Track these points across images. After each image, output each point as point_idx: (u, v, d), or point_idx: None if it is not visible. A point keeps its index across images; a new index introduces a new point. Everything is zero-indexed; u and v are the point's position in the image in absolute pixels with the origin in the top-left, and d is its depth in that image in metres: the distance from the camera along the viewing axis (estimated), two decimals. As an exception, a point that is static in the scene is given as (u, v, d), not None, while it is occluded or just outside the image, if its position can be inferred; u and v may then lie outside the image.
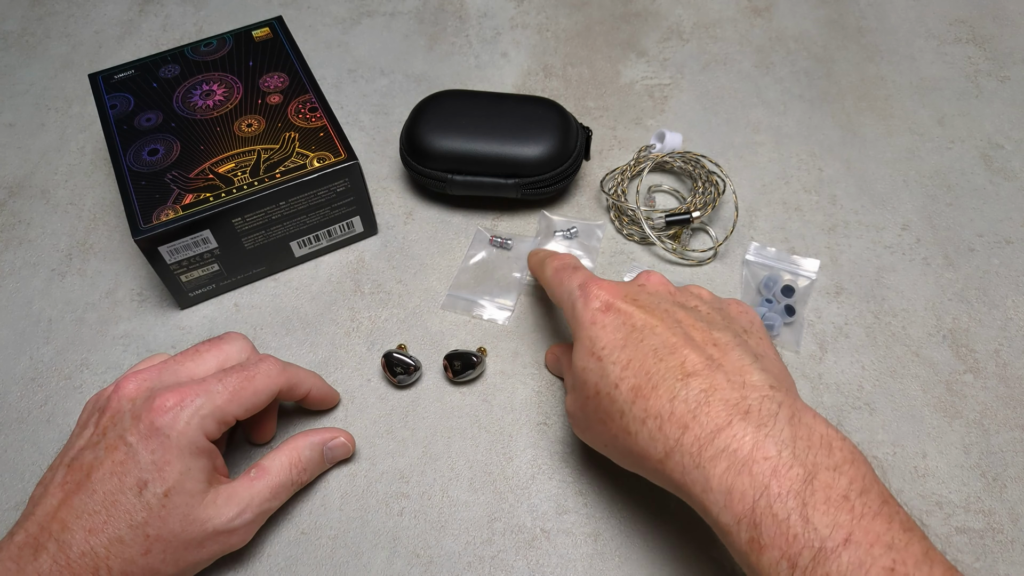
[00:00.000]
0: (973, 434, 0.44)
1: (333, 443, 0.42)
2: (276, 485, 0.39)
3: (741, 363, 0.33)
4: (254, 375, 0.39)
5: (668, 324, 0.35)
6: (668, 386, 0.32)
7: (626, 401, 0.34)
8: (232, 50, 0.54)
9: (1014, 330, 0.48)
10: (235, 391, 0.38)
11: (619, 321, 0.36)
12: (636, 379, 0.33)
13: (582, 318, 0.37)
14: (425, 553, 0.41)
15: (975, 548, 0.40)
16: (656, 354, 0.34)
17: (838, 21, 0.68)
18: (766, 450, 0.29)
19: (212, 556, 0.37)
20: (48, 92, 0.65)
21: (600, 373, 0.35)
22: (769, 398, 0.31)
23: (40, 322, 0.51)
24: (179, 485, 0.35)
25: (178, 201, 0.46)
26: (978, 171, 0.57)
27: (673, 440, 0.31)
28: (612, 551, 0.40)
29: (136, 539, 0.34)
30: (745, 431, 0.30)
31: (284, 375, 0.40)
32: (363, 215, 0.52)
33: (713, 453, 0.30)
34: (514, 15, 0.70)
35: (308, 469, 0.41)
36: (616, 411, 0.34)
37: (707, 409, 0.31)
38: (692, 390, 0.32)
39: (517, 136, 0.51)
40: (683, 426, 0.31)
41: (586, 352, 0.36)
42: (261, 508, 0.38)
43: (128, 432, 0.35)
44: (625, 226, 0.54)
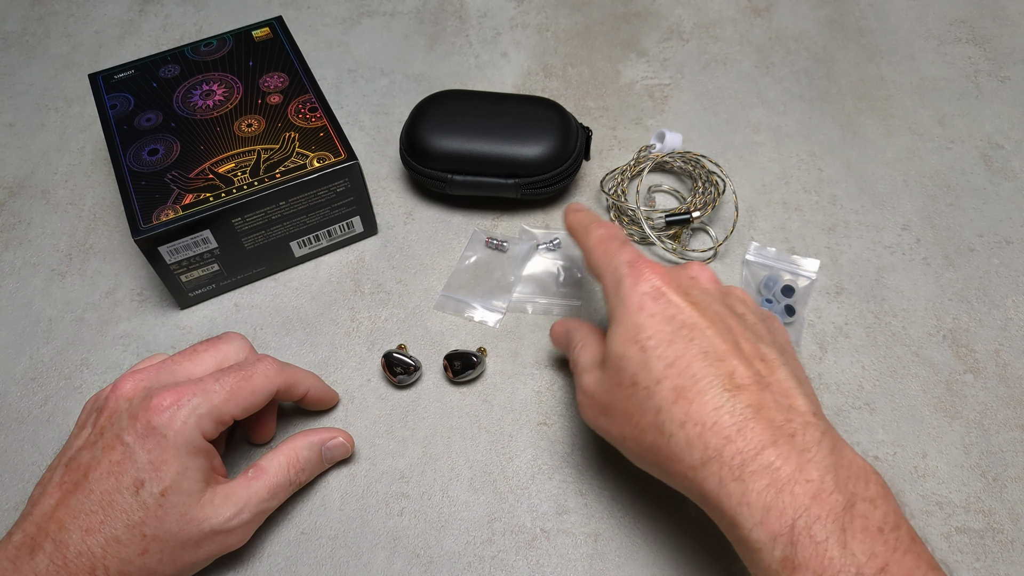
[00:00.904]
0: (973, 434, 0.44)
1: (332, 443, 0.42)
2: (274, 485, 0.39)
3: (787, 385, 0.33)
4: (251, 375, 0.39)
5: (719, 328, 0.34)
6: (715, 395, 0.32)
7: (666, 400, 0.32)
8: (232, 50, 0.54)
9: (1014, 330, 0.48)
10: (232, 391, 0.38)
11: (669, 313, 0.34)
12: (681, 380, 0.32)
13: (628, 300, 0.35)
14: (425, 553, 0.41)
15: (975, 548, 0.40)
16: (705, 358, 0.33)
17: (838, 21, 0.69)
18: (808, 473, 0.29)
19: (210, 556, 0.37)
20: (48, 92, 0.65)
21: (642, 364, 0.34)
22: (813, 425, 0.31)
23: (40, 322, 0.51)
24: (176, 484, 0.35)
25: (178, 201, 0.46)
26: (978, 171, 0.57)
27: (713, 450, 0.31)
28: (612, 551, 0.40)
29: (133, 539, 0.34)
30: (790, 453, 0.30)
31: (282, 375, 0.40)
32: (363, 215, 0.52)
33: (755, 468, 0.30)
34: (514, 15, 0.70)
35: (306, 469, 0.41)
36: (652, 407, 0.33)
37: (753, 425, 0.31)
38: (739, 403, 0.31)
39: (517, 136, 0.51)
40: (726, 438, 0.31)
41: (629, 338, 0.34)
42: (259, 508, 0.38)
43: (125, 431, 0.35)
44: (625, 226, 0.54)
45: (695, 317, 0.34)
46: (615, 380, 0.35)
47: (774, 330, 0.38)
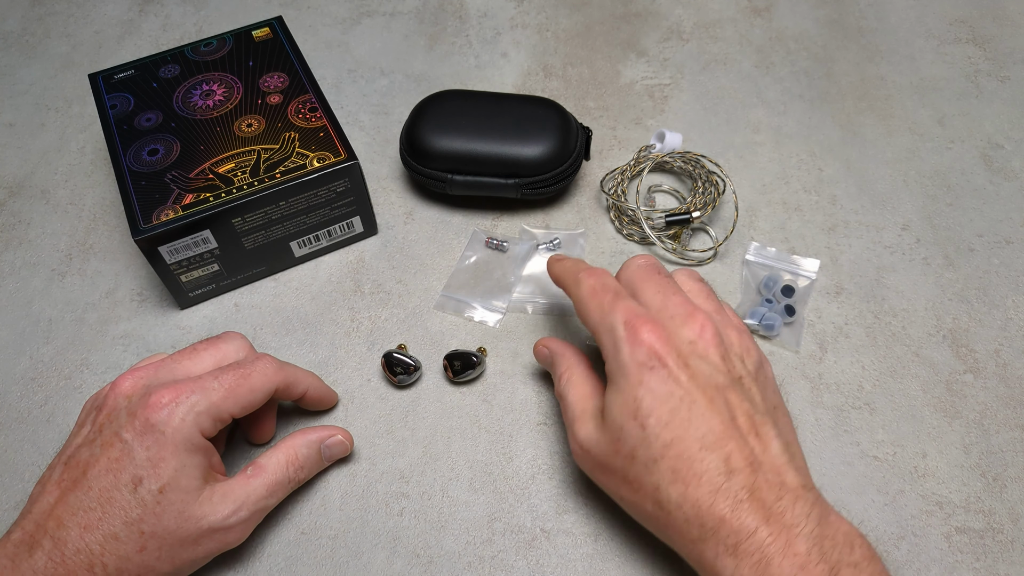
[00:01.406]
0: (973, 434, 0.44)
1: (331, 441, 0.42)
2: (273, 483, 0.39)
3: (779, 462, 0.34)
4: (250, 373, 0.39)
5: (717, 406, 0.34)
6: (711, 478, 0.33)
7: (664, 479, 0.34)
8: (232, 50, 0.54)
9: (1014, 330, 0.48)
10: (231, 388, 0.38)
11: (667, 389, 0.34)
12: (678, 462, 0.34)
13: (627, 368, 0.35)
14: (425, 553, 0.41)
15: (975, 548, 0.40)
16: (702, 442, 0.34)
17: (838, 21, 0.69)
18: (796, 547, 0.31)
19: (208, 554, 0.37)
20: (48, 92, 0.65)
21: (641, 440, 0.34)
22: (803, 499, 0.33)
23: (40, 322, 0.51)
24: (174, 482, 0.35)
25: (178, 201, 0.46)
26: (978, 171, 0.57)
27: (710, 530, 0.33)
28: (612, 551, 0.40)
29: (131, 536, 0.34)
30: (780, 530, 0.32)
31: (281, 373, 0.40)
32: (363, 215, 0.52)
33: (748, 546, 0.32)
34: (514, 15, 0.70)
35: (305, 467, 0.41)
36: (650, 482, 0.34)
37: (747, 507, 0.32)
38: (734, 485, 0.33)
39: (517, 136, 0.51)
40: (721, 519, 0.32)
41: (628, 412, 0.35)
42: (257, 506, 0.38)
43: (123, 429, 0.35)
44: (625, 226, 0.54)
45: (694, 394, 0.34)
46: (612, 447, 0.36)
47: (767, 380, 0.39)
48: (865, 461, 0.43)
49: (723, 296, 0.50)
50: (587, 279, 0.39)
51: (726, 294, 0.51)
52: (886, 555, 0.40)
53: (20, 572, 0.33)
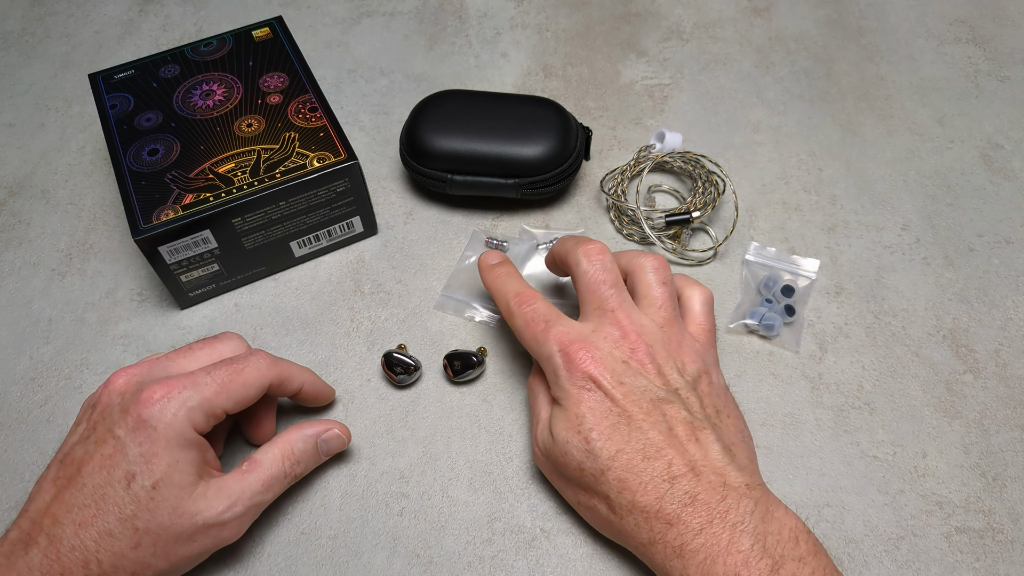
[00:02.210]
0: (973, 434, 0.44)
1: (327, 435, 0.41)
2: (268, 478, 0.38)
3: (719, 463, 0.36)
4: (243, 368, 0.39)
5: (655, 419, 0.37)
6: (656, 486, 0.35)
7: (612, 488, 0.36)
8: (232, 50, 0.54)
9: (1014, 330, 0.48)
10: (223, 383, 0.37)
11: (605, 407, 0.37)
12: (624, 472, 0.36)
13: (567, 391, 0.38)
14: (425, 553, 0.41)
15: (975, 548, 0.40)
16: (644, 453, 0.36)
17: (838, 21, 0.69)
18: (740, 544, 0.33)
19: (204, 550, 0.37)
20: (48, 92, 0.65)
21: (586, 453, 0.37)
22: (747, 497, 0.35)
23: (40, 322, 0.51)
24: (167, 477, 0.35)
25: (178, 201, 0.46)
26: (978, 171, 0.57)
27: (658, 534, 0.35)
28: (612, 551, 0.40)
29: (125, 532, 0.34)
30: (723, 529, 0.34)
31: (274, 369, 0.40)
32: (363, 215, 0.52)
33: (693, 547, 0.34)
34: (514, 15, 0.70)
35: (302, 462, 0.40)
36: (600, 491, 0.37)
37: (691, 511, 0.34)
38: (678, 491, 0.35)
39: (517, 136, 0.51)
40: (668, 523, 0.35)
41: (572, 428, 0.37)
42: (252, 501, 0.38)
43: (116, 425, 0.35)
44: (625, 226, 0.54)
45: (630, 409, 0.37)
46: (563, 462, 0.38)
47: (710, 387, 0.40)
48: (865, 461, 0.43)
49: (723, 296, 0.50)
50: (518, 309, 0.41)
51: (726, 294, 0.51)
52: (886, 555, 0.40)
53: (16, 570, 0.33)
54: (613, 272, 0.41)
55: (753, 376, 0.47)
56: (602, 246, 0.42)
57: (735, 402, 0.41)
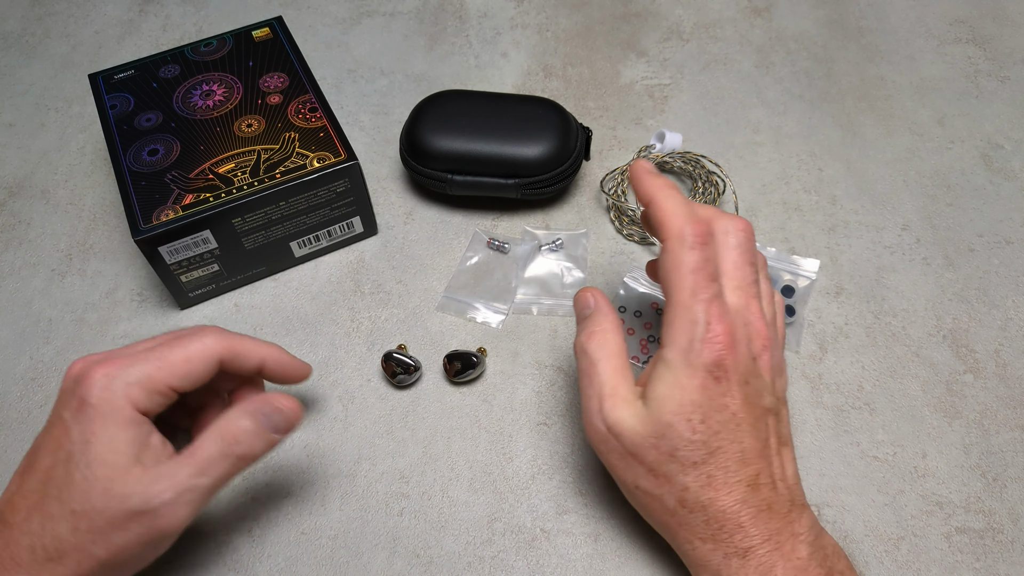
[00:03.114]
0: (973, 434, 0.44)
1: (267, 409, 0.36)
2: (203, 460, 0.35)
3: (793, 482, 0.37)
4: (188, 342, 0.37)
5: (758, 428, 0.36)
6: (740, 490, 0.35)
7: (697, 483, 0.35)
8: (232, 50, 0.54)
9: (1014, 330, 0.48)
10: (164, 358, 0.36)
11: (723, 402, 0.35)
12: (716, 471, 0.35)
13: (695, 368, 0.34)
14: (425, 553, 0.41)
15: (975, 548, 0.40)
16: (740, 457, 0.35)
17: (838, 21, 0.69)
18: (799, 552, 0.35)
19: (143, 541, 0.34)
20: (48, 92, 0.65)
21: (688, 442, 0.35)
22: (807, 515, 0.36)
23: (40, 322, 0.51)
24: (101, 457, 0.34)
25: (178, 201, 0.46)
26: (978, 171, 0.57)
27: (726, 533, 0.35)
28: (612, 551, 0.40)
29: (64, 515, 0.33)
30: (788, 537, 0.35)
31: (223, 342, 0.38)
32: (363, 215, 0.52)
33: (760, 552, 0.35)
34: (514, 15, 0.70)
35: (243, 441, 0.36)
36: (680, 482, 0.35)
37: (765, 518, 0.35)
38: (757, 499, 0.35)
39: (517, 136, 0.51)
40: (739, 526, 0.35)
41: (682, 412, 0.34)
42: (184, 486, 0.34)
43: (64, 408, 0.35)
44: (625, 226, 0.54)
45: (743, 413, 0.35)
46: (652, 441, 0.35)
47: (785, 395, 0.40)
48: (865, 461, 0.43)
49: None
50: (694, 245, 0.35)
51: (726, 294, 0.51)
52: (886, 555, 0.40)
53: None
54: (757, 256, 0.38)
55: (753, 376, 0.47)
56: (750, 225, 0.38)
57: None
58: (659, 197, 0.37)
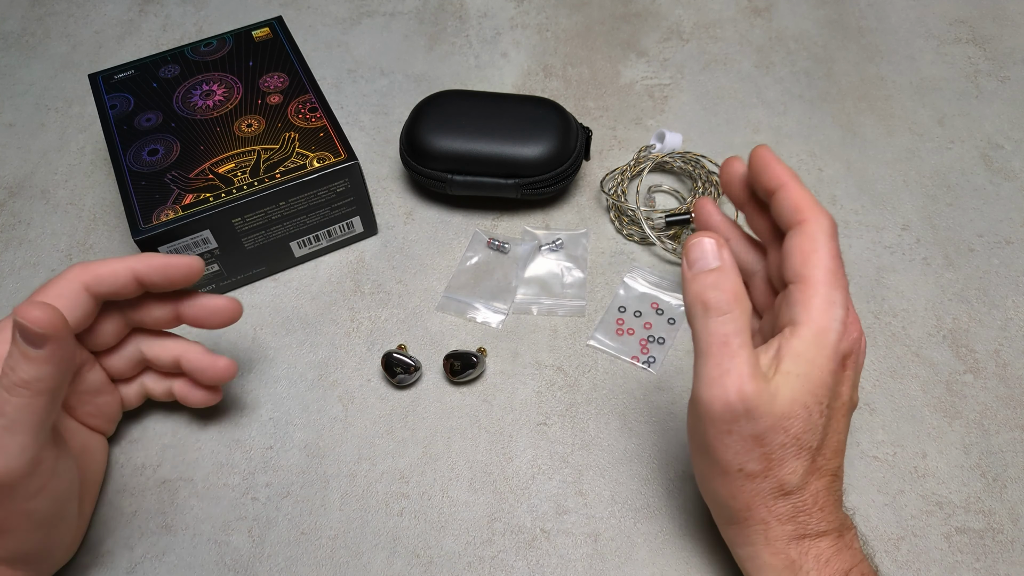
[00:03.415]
0: (973, 434, 0.44)
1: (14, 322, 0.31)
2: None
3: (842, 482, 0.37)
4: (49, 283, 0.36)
5: (845, 423, 0.36)
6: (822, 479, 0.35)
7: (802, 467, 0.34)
8: (232, 50, 0.54)
9: (1014, 330, 0.48)
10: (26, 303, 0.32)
11: (841, 390, 0.34)
12: (820, 458, 0.34)
13: (831, 354, 0.33)
14: (425, 553, 0.41)
15: (975, 548, 0.40)
16: (837, 448, 0.35)
17: (838, 21, 0.69)
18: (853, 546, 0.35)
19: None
20: (48, 92, 0.65)
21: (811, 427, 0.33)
22: (851, 520, 0.36)
23: (40, 322, 0.51)
24: None
25: (178, 201, 0.46)
26: (978, 171, 0.57)
27: (802, 513, 0.34)
28: (612, 551, 0.40)
29: None
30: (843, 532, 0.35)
31: (86, 270, 0.37)
32: (363, 215, 0.52)
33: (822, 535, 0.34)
34: (514, 15, 0.70)
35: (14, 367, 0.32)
36: (790, 467, 0.33)
37: (832, 508, 0.35)
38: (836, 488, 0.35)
39: (517, 136, 0.51)
40: (821, 508, 0.35)
41: (815, 396, 0.33)
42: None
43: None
44: (625, 226, 0.54)
45: (848, 405, 0.36)
46: (783, 423, 0.33)
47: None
48: (865, 461, 0.43)
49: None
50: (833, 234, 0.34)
51: (726, 294, 0.51)
52: (886, 555, 0.40)
53: None
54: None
55: (753, 376, 0.47)
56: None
57: None
58: (794, 183, 0.35)
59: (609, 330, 0.49)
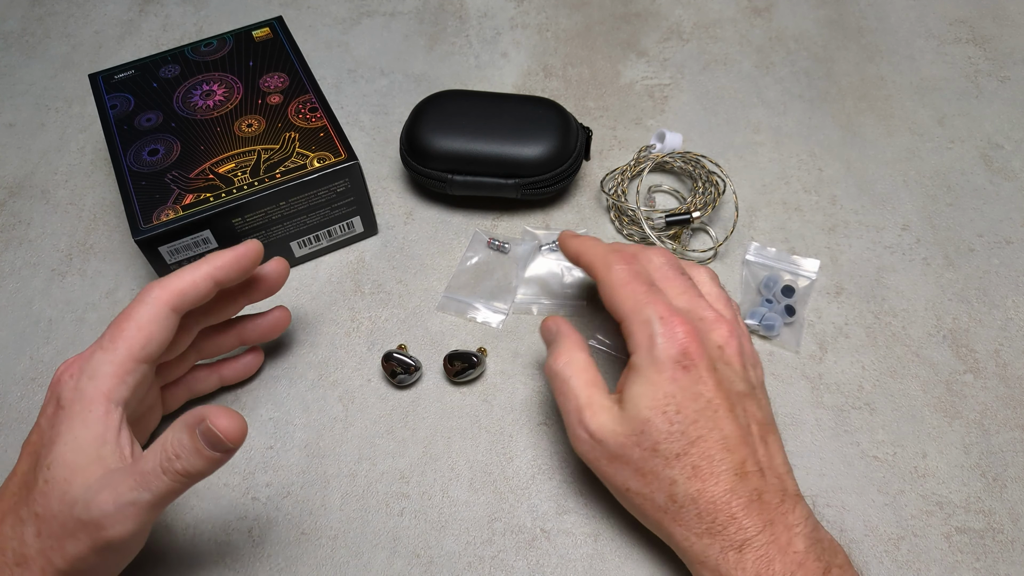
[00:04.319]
0: (973, 434, 0.44)
1: (203, 427, 0.33)
2: (142, 472, 0.32)
3: (782, 469, 0.37)
4: (133, 309, 0.35)
5: (736, 413, 0.36)
6: (727, 479, 0.35)
7: (682, 474, 0.35)
8: (232, 50, 0.54)
9: (1014, 330, 0.48)
10: (116, 336, 0.34)
11: (696, 390, 0.36)
12: (700, 460, 0.35)
13: (661, 363, 0.36)
14: (425, 553, 0.41)
15: (975, 548, 0.40)
16: (724, 444, 0.35)
17: (838, 21, 0.69)
18: (796, 546, 0.34)
19: (94, 552, 0.32)
20: (48, 92, 0.65)
21: (667, 435, 0.35)
22: (800, 505, 0.36)
23: (40, 322, 0.51)
24: (61, 456, 0.33)
25: (178, 201, 0.46)
26: (978, 171, 0.57)
27: (720, 525, 0.35)
28: (612, 551, 0.40)
29: (30, 518, 0.33)
30: (783, 529, 0.35)
31: (165, 289, 0.36)
32: (363, 215, 0.52)
33: (756, 544, 0.34)
34: (514, 15, 0.70)
35: (181, 456, 0.32)
36: (667, 476, 0.36)
37: (756, 508, 0.35)
38: (746, 488, 0.35)
39: (517, 136, 0.51)
40: (732, 517, 0.35)
41: (657, 405, 0.36)
42: (125, 498, 0.32)
43: (42, 413, 0.35)
44: (625, 226, 0.54)
45: (719, 399, 0.36)
46: (633, 439, 0.36)
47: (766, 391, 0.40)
48: (865, 461, 0.43)
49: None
50: (619, 264, 0.39)
51: (726, 294, 0.51)
52: (886, 555, 0.40)
53: None
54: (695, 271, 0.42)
55: (753, 376, 0.47)
56: (669, 251, 0.42)
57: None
58: (583, 247, 0.42)
59: (609, 330, 0.49)
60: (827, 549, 0.35)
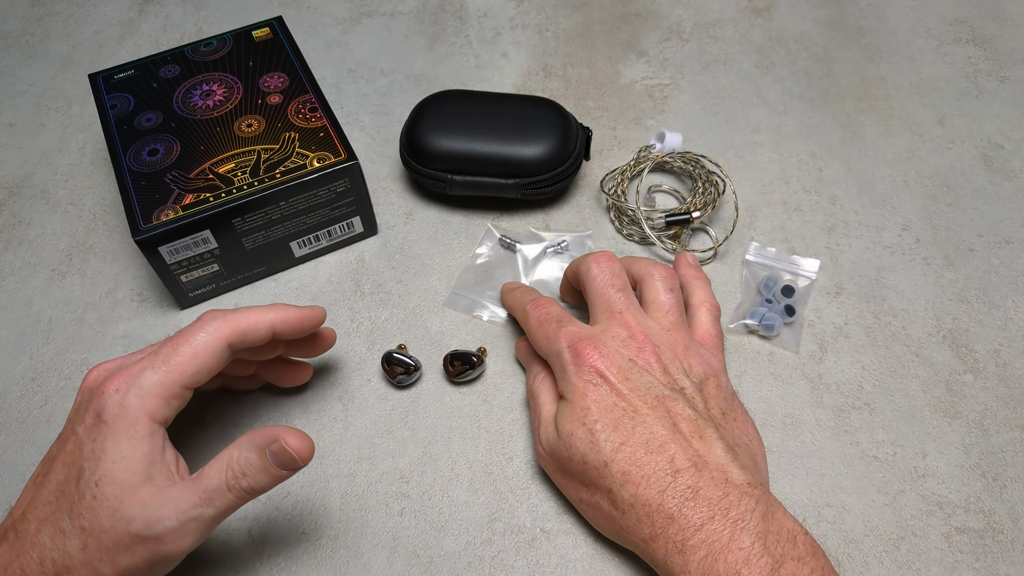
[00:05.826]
0: (973, 434, 0.44)
1: (275, 447, 0.34)
2: (206, 490, 0.34)
3: (723, 461, 0.36)
4: (191, 336, 0.36)
5: (659, 414, 0.37)
6: (658, 479, 0.35)
7: (616, 482, 0.36)
8: (232, 50, 0.54)
9: (1014, 330, 0.48)
10: (171, 359, 0.35)
11: (612, 400, 0.38)
12: (628, 465, 0.36)
13: (574, 385, 0.39)
14: (425, 553, 0.41)
15: (975, 548, 0.40)
16: (647, 446, 0.36)
17: (838, 21, 0.69)
18: (741, 541, 0.33)
19: (148, 564, 0.33)
20: (48, 92, 0.65)
21: (590, 446, 0.37)
22: (748, 495, 0.35)
23: (40, 322, 0.51)
24: (111, 474, 0.33)
25: (178, 201, 0.46)
26: (978, 171, 0.57)
27: (659, 528, 0.35)
28: (612, 551, 0.40)
29: (74, 531, 0.33)
30: (724, 525, 0.34)
31: (227, 324, 0.37)
32: (363, 215, 0.52)
33: (695, 543, 0.34)
34: (514, 15, 0.70)
35: (248, 474, 0.34)
36: (604, 486, 0.37)
37: (693, 505, 0.35)
38: (680, 485, 0.35)
39: (517, 136, 0.51)
40: (669, 518, 0.35)
41: (576, 420, 0.38)
42: (188, 515, 0.33)
43: (79, 423, 0.35)
44: (625, 226, 0.54)
45: (635, 404, 0.38)
46: (566, 453, 0.38)
47: (718, 390, 0.41)
48: (865, 461, 0.43)
49: (723, 296, 0.50)
50: (533, 311, 0.43)
51: (726, 294, 0.51)
52: (886, 555, 0.40)
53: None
54: (621, 277, 0.42)
55: (753, 376, 0.47)
56: (610, 254, 0.43)
57: (743, 408, 0.42)
58: (510, 303, 0.47)
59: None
60: (782, 540, 0.33)
